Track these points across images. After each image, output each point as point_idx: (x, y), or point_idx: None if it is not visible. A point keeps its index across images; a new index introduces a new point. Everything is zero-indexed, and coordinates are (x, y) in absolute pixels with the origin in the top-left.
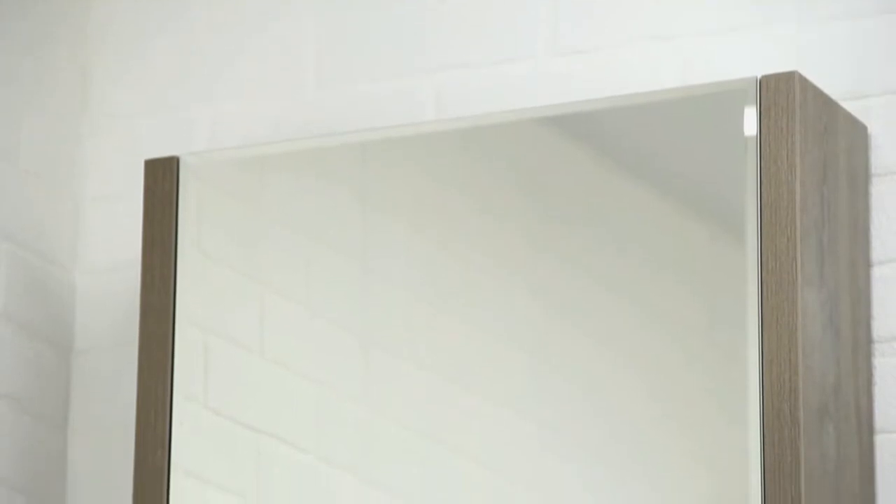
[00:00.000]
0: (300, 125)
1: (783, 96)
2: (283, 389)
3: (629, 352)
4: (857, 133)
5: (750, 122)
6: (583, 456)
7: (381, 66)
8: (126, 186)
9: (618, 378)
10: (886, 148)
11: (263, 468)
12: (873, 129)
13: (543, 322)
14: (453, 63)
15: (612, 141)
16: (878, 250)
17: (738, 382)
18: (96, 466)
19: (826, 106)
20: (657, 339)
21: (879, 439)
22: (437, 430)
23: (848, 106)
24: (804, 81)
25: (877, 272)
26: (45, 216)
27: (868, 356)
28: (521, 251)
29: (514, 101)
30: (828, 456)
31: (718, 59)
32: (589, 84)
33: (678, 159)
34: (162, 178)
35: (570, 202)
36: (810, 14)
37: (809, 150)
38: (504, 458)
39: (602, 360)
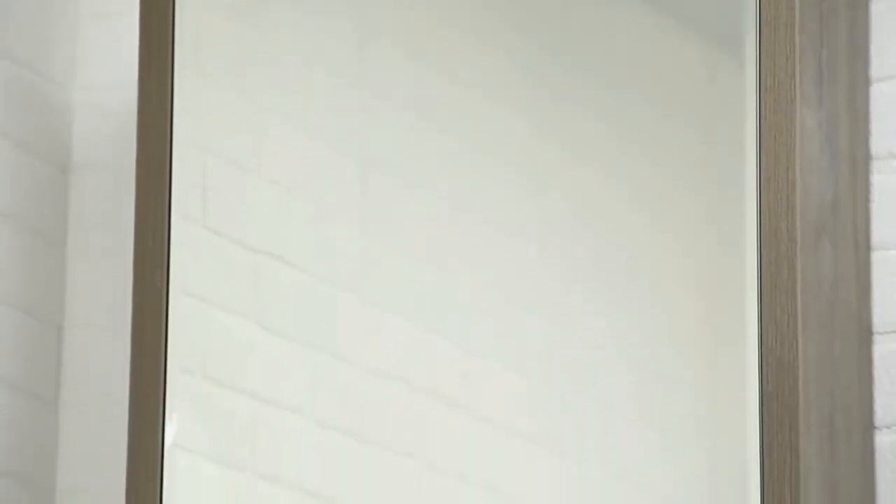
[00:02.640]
0: None
1: None
2: (281, 210)
3: (626, 177)
4: None
5: None
6: (581, 279)
7: None
8: (124, 4)
9: (614, 203)
10: None
11: (263, 288)
12: None
13: (541, 147)
14: None
15: None
16: (876, 67)
17: (736, 201)
18: (95, 284)
19: None
20: (652, 160)
21: (876, 256)
22: (435, 248)
23: None
24: None
25: (875, 89)
26: (43, 34)
27: (866, 174)
28: (517, 76)
29: None
30: (824, 273)
31: None
32: None
33: None
34: None
35: (566, 24)
36: None
37: None
38: (503, 275)
39: (599, 185)
